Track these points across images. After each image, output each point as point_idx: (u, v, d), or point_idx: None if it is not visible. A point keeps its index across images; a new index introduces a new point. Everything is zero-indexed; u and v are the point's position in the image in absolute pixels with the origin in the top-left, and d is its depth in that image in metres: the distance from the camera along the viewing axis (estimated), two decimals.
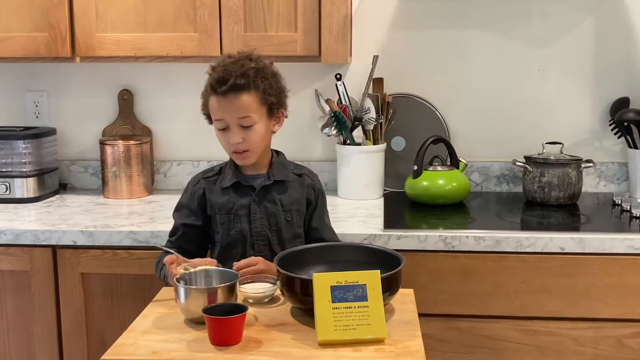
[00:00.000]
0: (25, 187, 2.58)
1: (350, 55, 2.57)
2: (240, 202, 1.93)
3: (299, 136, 2.74)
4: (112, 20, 2.40)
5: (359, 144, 2.59)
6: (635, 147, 2.59)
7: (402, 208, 2.51)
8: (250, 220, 1.92)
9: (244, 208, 1.92)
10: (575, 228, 2.34)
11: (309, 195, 2.00)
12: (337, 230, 2.06)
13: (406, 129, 2.69)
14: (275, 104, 1.91)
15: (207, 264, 1.77)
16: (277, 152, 2.02)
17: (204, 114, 1.96)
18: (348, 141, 2.58)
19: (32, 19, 2.41)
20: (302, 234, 1.98)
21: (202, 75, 2.70)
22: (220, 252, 1.94)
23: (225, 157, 2.74)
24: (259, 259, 1.85)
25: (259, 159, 1.95)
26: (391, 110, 2.63)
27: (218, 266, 1.77)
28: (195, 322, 1.61)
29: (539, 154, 2.56)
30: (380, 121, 2.59)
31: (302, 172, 2.02)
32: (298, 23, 2.36)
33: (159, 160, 2.81)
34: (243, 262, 1.82)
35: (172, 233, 1.99)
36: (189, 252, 1.89)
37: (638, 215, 2.30)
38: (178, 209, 2.01)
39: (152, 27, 2.40)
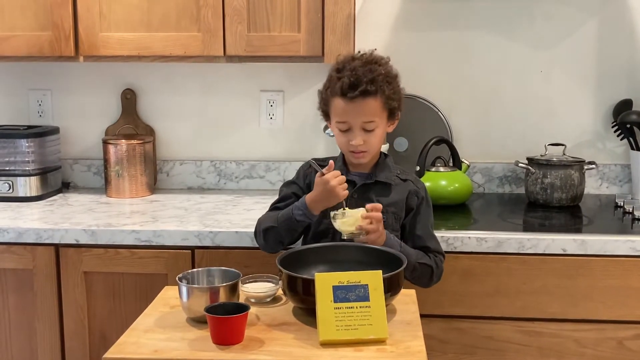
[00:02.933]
0: (28, 185, 2.58)
1: None
2: None
3: (301, 136, 2.74)
4: (116, 19, 2.41)
5: None
6: (638, 149, 2.58)
7: None
8: None
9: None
10: (577, 230, 2.34)
11: (410, 200, 1.98)
12: None
13: (409, 130, 2.69)
14: (396, 109, 1.95)
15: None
16: (386, 155, 2.03)
17: (321, 110, 1.98)
18: None
19: (36, 17, 2.42)
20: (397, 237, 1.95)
21: (205, 75, 2.75)
22: (311, 238, 1.95)
23: (223, 157, 2.78)
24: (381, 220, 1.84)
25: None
26: None
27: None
28: (197, 321, 1.61)
29: (541, 156, 2.56)
30: None
31: (408, 178, 2.02)
32: (301, 23, 2.36)
33: (162, 160, 2.81)
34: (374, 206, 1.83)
35: (281, 200, 2.01)
36: None
37: None
38: (288, 185, 2.05)
39: (155, 27, 2.40)
